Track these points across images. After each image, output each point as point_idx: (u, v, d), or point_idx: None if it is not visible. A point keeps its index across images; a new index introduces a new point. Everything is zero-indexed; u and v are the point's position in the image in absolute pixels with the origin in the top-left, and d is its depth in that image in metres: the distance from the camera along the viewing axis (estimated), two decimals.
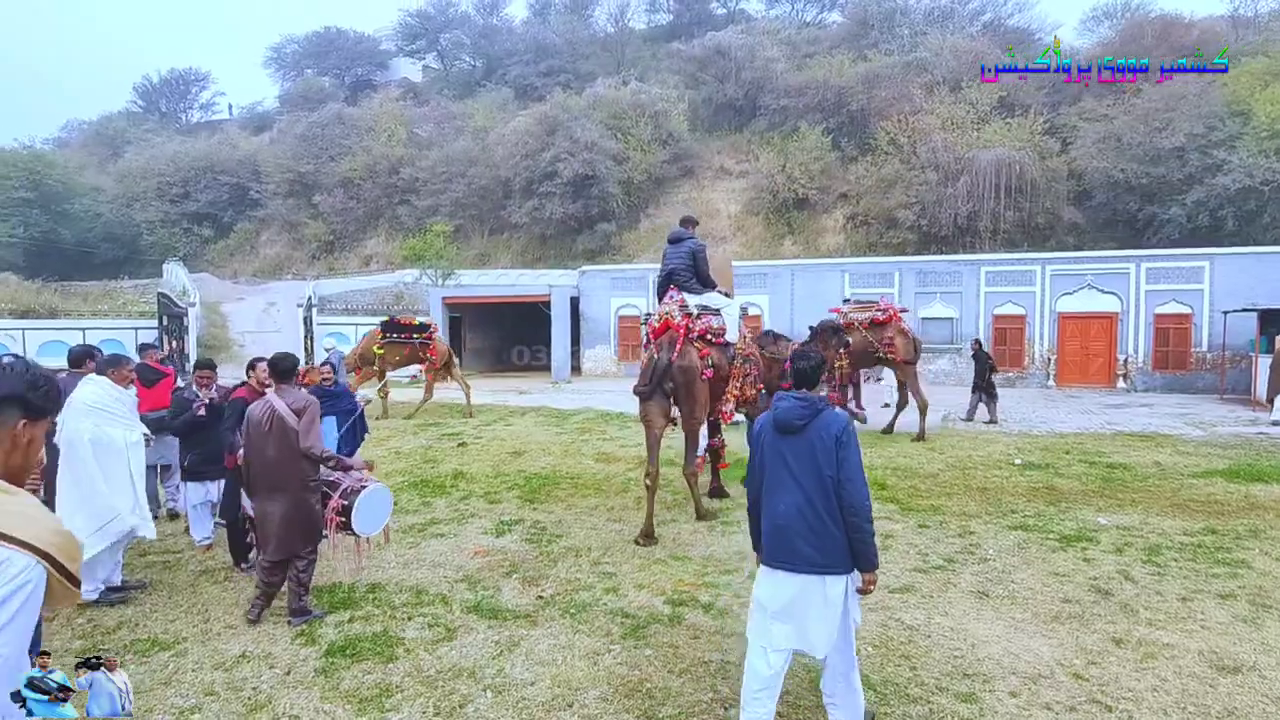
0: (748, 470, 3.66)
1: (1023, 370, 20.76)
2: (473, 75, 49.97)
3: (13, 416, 1.50)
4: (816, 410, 3.30)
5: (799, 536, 3.19)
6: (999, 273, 20.90)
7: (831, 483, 3.17)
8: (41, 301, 22.35)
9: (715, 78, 36.27)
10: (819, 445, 3.22)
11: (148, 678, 4.01)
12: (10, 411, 1.49)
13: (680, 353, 6.76)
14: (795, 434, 3.29)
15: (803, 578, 3.18)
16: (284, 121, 45.47)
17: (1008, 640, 4.42)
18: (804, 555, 3.18)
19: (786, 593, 3.21)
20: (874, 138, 29.26)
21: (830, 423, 3.26)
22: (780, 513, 3.25)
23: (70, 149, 52.35)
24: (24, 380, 1.52)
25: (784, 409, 3.35)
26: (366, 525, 4.93)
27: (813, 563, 3.17)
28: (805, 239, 29.77)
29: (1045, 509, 7.45)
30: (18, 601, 1.32)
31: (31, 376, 1.55)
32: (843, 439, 3.22)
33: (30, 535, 1.37)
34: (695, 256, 7.26)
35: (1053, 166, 25.67)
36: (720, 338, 7.16)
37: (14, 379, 1.51)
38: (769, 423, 3.41)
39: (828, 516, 3.17)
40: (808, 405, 3.32)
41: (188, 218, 41.00)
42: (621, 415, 14.28)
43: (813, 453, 3.22)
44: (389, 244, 36.95)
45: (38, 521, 1.42)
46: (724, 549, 6.25)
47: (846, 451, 3.21)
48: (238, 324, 27.41)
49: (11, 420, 1.49)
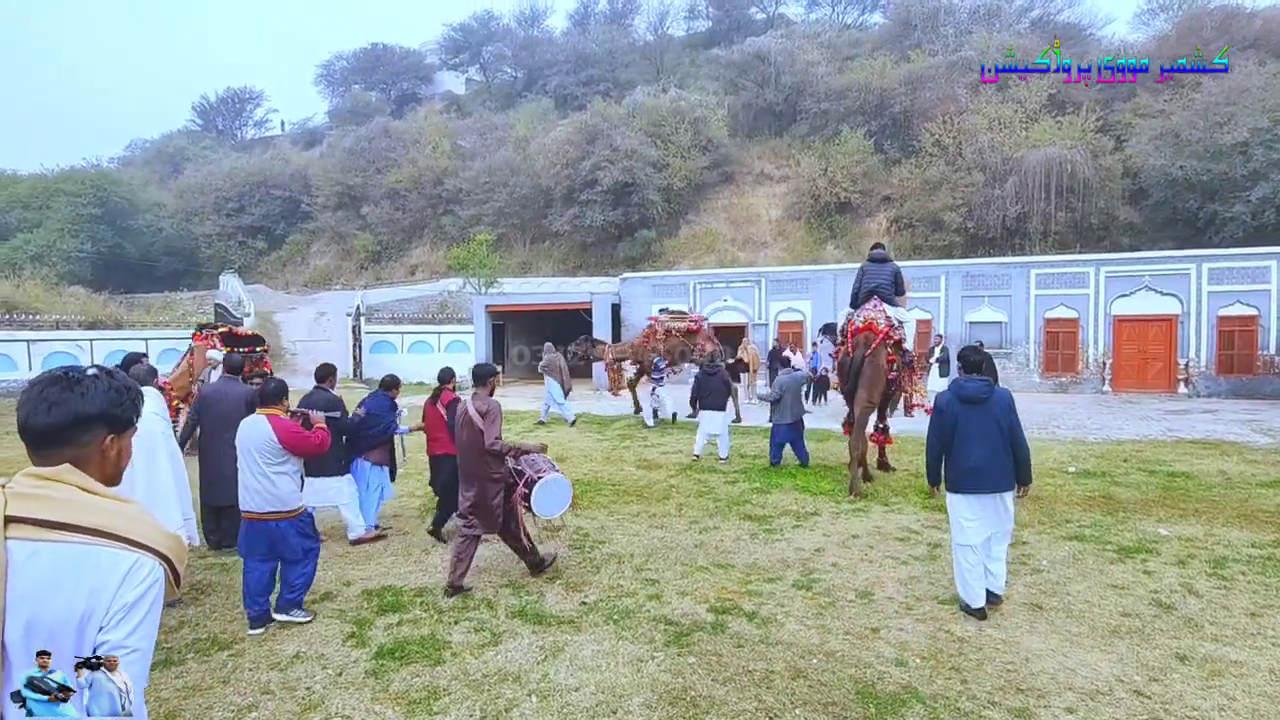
0: (934, 429, 5.07)
1: (1076, 375, 20.11)
2: (514, 86, 50.76)
3: (100, 433, 1.55)
4: (991, 388, 4.90)
5: (989, 472, 4.82)
6: (1050, 275, 20.29)
7: (1006, 434, 4.84)
8: (108, 313, 23.37)
9: (755, 83, 36.14)
10: (998, 411, 4.87)
11: (208, 676, 4.16)
12: (97, 429, 1.54)
13: (874, 352, 8.50)
14: (979, 404, 4.87)
15: (993, 496, 4.87)
16: (333, 136, 46.88)
17: (1063, 655, 4.29)
18: (992, 483, 4.84)
19: (984, 506, 4.87)
20: (918, 139, 28.81)
21: (1002, 396, 4.93)
22: (974, 458, 4.83)
23: (134, 166, 54.79)
24: (107, 396, 1.56)
25: (972, 388, 4.91)
26: (546, 508, 5.61)
27: (997, 487, 4.86)
28: (848, 243, 29.41)
29: (1102, 519, 7.21)
30: (149, 601, 1.44)
31: (115, 391, 1.59)
32: (1012, 407, 4.93)
33: (151, 539, 1.48)
34: (897, 276, 9.07)
35: (1106, 165, 24.89)
36: (903, 345, 8.87)
37: (98, 395, 1.55)
38: (954, 398, 4.95)
39: (1005, 456, 4.85)
40: (986, 385, 4.93)
41: (243, 231, 42.48)
42: (663, 422, 14.28)
43: (994, 417, 4.85)
44: (434, 253, 37.68)
45: (154, 526, 1.52)
46: (767, 556, 6.20)
47: (1014, 415, 4.92)
48: (290, 333, 28.25)
49: (99, 436, 1.55)
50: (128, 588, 1.42)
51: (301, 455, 4.95)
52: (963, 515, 4.90)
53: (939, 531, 6.78)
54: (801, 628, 4.73)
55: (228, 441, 6.46)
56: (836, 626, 4.74)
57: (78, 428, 1.52)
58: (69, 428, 1.51)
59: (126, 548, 1.44)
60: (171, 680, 4.11)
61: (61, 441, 1.51)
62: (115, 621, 1.40)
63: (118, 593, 1.41)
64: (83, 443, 1.53)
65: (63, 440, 1.51)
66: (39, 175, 41.63)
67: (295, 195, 42.63)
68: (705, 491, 8.66)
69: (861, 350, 8.53)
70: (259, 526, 4.81)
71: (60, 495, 1.44)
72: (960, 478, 4.89)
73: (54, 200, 38.19)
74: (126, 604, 1.41)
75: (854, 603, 5.16)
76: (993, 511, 4.88)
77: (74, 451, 1.51)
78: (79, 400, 1.52)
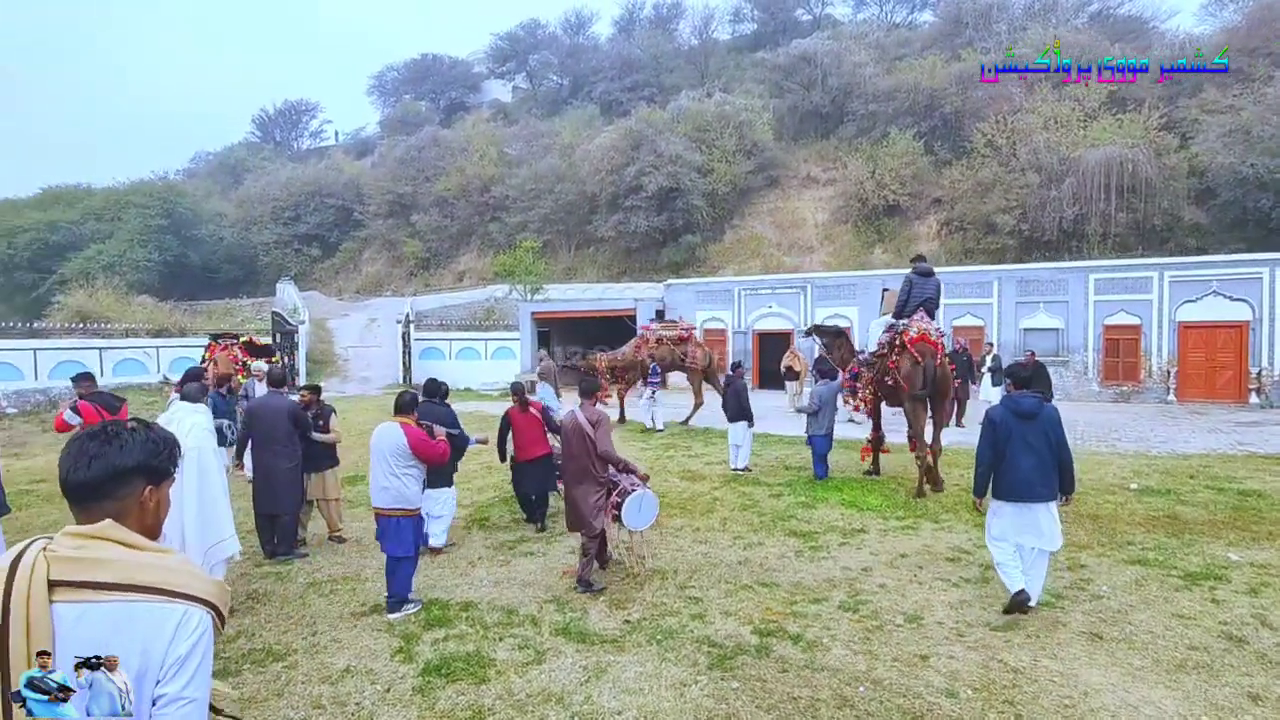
0: (987, 442, 5.30)
1: (1138, 384, 19.32)
2: (560, 94, 51.28)
3: (139, 485, 1.59)
4: (1042, 404, 5.26)
5: (1037, 483, 5.12)
6: (1110, 280, 19.55)
7: (1055, 448, 5.17)
8: (173, 321, 24.33)
9: (801, 85, 35.75)
10: (1048, 425, 5.19)
11: (263, 688, 4.29)
12: (136, 481, 1.58)
13: (941, 363, 8.98)
14: (1031, 419, 5.18)
15: (1040, 505, 5.16)
16: (384, 145, 48.09)
17: (1124, 690, 4.11)
18: (1039, 493, 5.14)
19: (1030, 515, 5.17)
20: (969, 140, 28.07)
21: (1051, 411, 5.28)
22: (1024, 468, 5.13)
23: (198, 178, 57.11)
24: (145, 448, 1.60)
25: (1027, 404, 5.24)
26: (634, 521, 6.00)
27: (1043, 497, 5.15)
28: (896, 247, 28.82)
29: (1166, 541, 6.90)
30: (201, 650, 1.49)
31: (152, 443, 1.62)
32: (1060, 421, 5.27)
33: (196, 589, 1.52)
34: (939, 288, 9.44)
35: (1171, 164, 23.84)
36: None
37: (136, 448, 1.59)
38: (1009, 412, 5.24)
39: (1051, 469, 5.17)
40: (1039, 400, 5.29)
41: (298, 239, 43.83)
42: (707, 431, 14.21)
43: (1044, 430, 5.17)
44: (481, 260, 38.27)
45: (196, 575, 1.56)
46: (813, 575, 6.11)
47: (1062, 429, 5.28)
48: (342, 339, 29.02)
49: (138, 489, 1.59)
50: (179, 641, 1.46)
51: (425, 462, 5.51)
52: (1003, 520, 5.26)
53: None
54: (848, 653, 4.65)
55: (275, 453, 6.75)
56: (884, 652, 4.64)
57: (117, 481, 1.55)
58: (108, 481, 1.54)
59: (173, 601, 1.47)
60: (228, 691, 4.25)
61: (101, 495, 1.54)
62: (171, 675, 1.44)
63: (170, 647, 1.45)
64: (121, 496, 1.56)
65: (103, 494, 1.54)
66: (110, 188, 43.66)
67: (348, 204, 43.83)
68: (749, 505, 8.58)
69: (931, 360, 8.84)
70: (384, 521, 5.38)
71: (103, 555, 1.47)
72: (1011, 487, 5.18)
73: (124, 212, 39.97)
74: (180, 657, 1.45)
75: (902, 627, 5.05)
76: (1033, 521, 5.16)
77: (115, 505, 1.55)
78: (118, 453, 1.56)
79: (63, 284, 32.45)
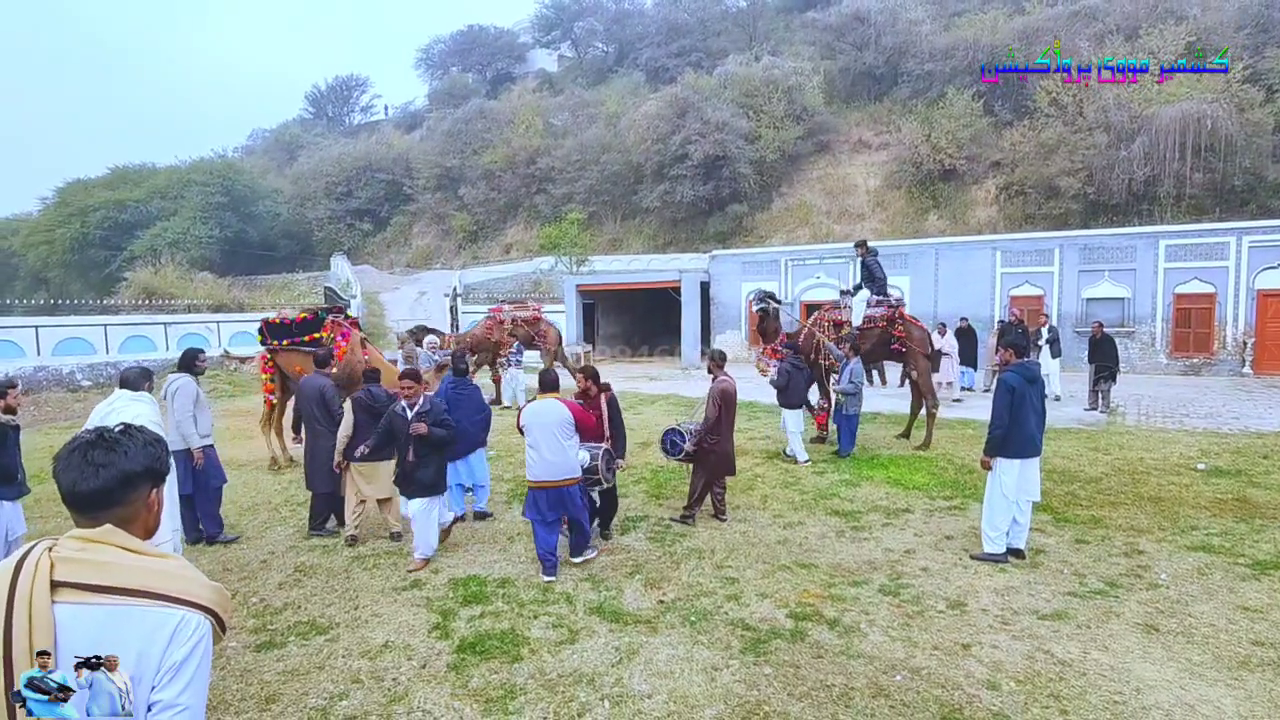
0: (1004, 405, 5.72)
1: (1211, 356, 18.32)
2: (605, 61, 50.58)
3: (145, 489, 1.61)
4: (1038, 368, 6.15)
5: (1038, 440, 5.85)
6: (1182, 246, 18.47)
7: (1043, 407, 5.98)
8: (232, 297, 25.19)
9: (853, 46, 34.45)
10: (1042, 389, 6.09)
11: (305, 660, 4.42)
12: (143, 485, 1.60)
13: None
14: (1035, 383, 5.87)
15: (1035, 459, 5.89)
16: (432, 119, 48.29)
17: (1181, 687, 3.91)
18: (1038, 448, 5.87)
19: (1030, 470, 5.84)
20: (1032, 99, 26.68)
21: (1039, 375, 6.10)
22: (1032, 425, 5.76)
23: (255, 155, 58.56)
24: (146, 451, 1.61)
25: (1034, 369, 5.98)
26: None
27: (1039, 451, 5.91)
28: (952, 213, 27.80)
29: (1234, 526, 6.54)
30: (198, 657, 1.49)
31: (150, 445, 1.63)
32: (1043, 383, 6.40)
33: (195, 595, 1.52)
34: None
35: (1255, 119, 22.22)
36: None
37: (139, 452, 1.60)
38: (1021, 379, 5.77)
39: (1043, 426, 5.94)
40: (1038, 365, 6.29)
41: (350, 214, 44.65)
42: (751, 405, 14.03)
43: (1040, 393, 5.95)
44: (527, 232, 38.38)
45: (196, 581, 1.56)
46: (853, 557, 5.99)
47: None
48: (393, 312, 29.57)
49: (144, 492, 1.61)
50: (175, 646, 1.46)
51: (584, 432, 5.95)
52: (1012, 475, 5.77)
53: (1042, 535, 6.35)
54: (886, 639, 4.54)
55: (315, 432, 7.02)
56: (924, 640, 4.52)
57: (126, 487, 1.56)
58: (119, 488, 1.55)
59: (171, 606, 1.47)
60: (273, 663, 4.40)
61: (112, 502, 1.54)
62: (166, 681, 1.44)
63: (166, 652, 1.45)
64: (131, 500, 1.57)
65: (113, 501, 1.54)
66: (173, 167, 45.10)
67: (398, 178, 44.33)
68: (791, 483, 8.46)
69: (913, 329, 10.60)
70: (554, 493, 5.72)
71: (104, 558, 1.47)
72: (1021, 445, 5.76)
73: (187, 190, 41.30)
74: (175, 663, 1.45)
75: (944, 613, 4.90)
76: (1032, 476, 5.85)
77: (124, 510, 1.55)
78: (124, 460, 1.56)
79: (131, 261, 33.86)
